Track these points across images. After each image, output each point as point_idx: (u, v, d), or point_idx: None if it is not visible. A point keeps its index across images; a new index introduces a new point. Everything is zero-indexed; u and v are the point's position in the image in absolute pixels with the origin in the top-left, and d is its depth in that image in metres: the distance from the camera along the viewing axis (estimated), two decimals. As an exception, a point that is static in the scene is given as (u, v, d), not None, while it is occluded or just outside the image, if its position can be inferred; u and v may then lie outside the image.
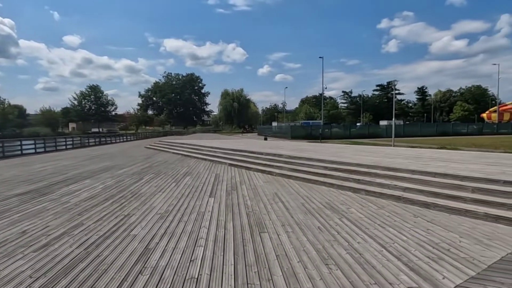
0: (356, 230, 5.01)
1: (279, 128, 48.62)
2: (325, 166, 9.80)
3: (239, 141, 26.42)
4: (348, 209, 6.28)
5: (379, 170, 8.37)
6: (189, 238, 4.71)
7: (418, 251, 4.14)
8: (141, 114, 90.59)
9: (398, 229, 5.04)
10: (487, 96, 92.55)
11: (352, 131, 40.25)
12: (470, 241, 4.49)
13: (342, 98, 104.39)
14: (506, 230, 4.92)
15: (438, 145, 20.59)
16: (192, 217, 5.81)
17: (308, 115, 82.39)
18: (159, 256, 4.04)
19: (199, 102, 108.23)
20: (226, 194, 7.85)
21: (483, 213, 5.50)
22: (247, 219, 5.70)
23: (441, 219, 5.56)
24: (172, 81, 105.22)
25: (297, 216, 5.82)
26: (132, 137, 44.33)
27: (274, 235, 4.83)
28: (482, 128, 46.67)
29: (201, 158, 15.92)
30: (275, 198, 7.34)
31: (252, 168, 11.83)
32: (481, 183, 6.43)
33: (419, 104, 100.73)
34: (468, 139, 31.12)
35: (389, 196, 7.03)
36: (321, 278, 3.43)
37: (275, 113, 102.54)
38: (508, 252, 4.07)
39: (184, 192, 8.10)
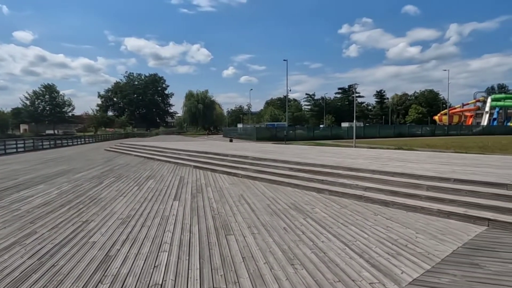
0: (321, 230, 5.12)
1: (244, 129, 48.67)
2: (290, 167, 9.94)
3: (204, 143, 26.13)
4: (312, 209, 6.40)
5: (342, 171, 8.64)
6: (152, 243, 4.56)
7: (378, 248, 4.31)
8: (101, 115, 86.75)
9: (360, 227, 5.21)
10: (438, 99, 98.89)
11: (316, 132, 41.23)
12: (426, 237, 4.75)
13: (306, 101, 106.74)
14: (457, 225, 5.25)
15: (395, 146, 21.64)
16: (156, 222, 5.64)
17: (273, 117, 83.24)
18: (121, 263, 3.87)
19: (163, 103, 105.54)
20: (191, 197, 7.71)
21: (436, 209, 5.84)
22: (212, 221, 5.63)
23: (399, 216, 5.84)
24: (134, 81, 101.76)
25: (263, 218, 5.85)
26: (91, 139, 42.30)
27: (240, 237, 4.81)
28: (434, 130, 49.75)
29: (165, 160, 15.53)
30: (241, 200, 7.32)
31: (217, 170, 11.73)
32: (434, 181, 6.83)
33: (378, 107, 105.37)
34: (422, 140, 33.03)
35: (351, 195, 7.27)
36: (287, 278, 3.46)
37: (241, 114, 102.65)
38: (459, 246, 4.35)
39: (147, 195, 7.85)
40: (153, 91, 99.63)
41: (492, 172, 7.39)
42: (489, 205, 5.52)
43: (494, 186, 6.05)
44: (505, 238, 4.66)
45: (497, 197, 5.70)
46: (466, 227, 5.17)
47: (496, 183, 6.09)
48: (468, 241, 4.51)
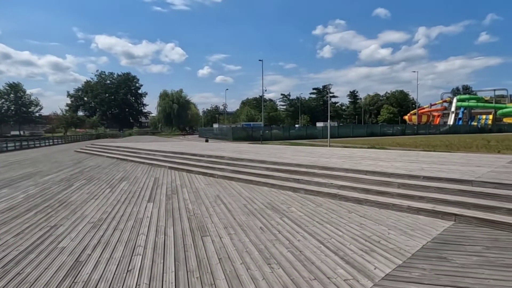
0: (297, 228, 5.17)
1: (220, 130, 48.41)
2: (266, 167, 9.98)
3: (180, 143, 25.75)
4: (288, 208, 6.46)
5: (317, 170, 8.77)
6: (125, 247, 4.43)
7: (352, 245, 4.40)
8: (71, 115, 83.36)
9: (334, 225, 5.31)
10: (408, 100, 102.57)
11: (291, 132, 41.64)
12: (397, 233, 4.91)
13: (282, 101, 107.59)
14: (426, 221, 5.46)
15: (368, 145, 22.25)
16: (129, 224, 5.49)
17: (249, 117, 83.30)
18: (92, 268, 3.73)
19: (136, 103, 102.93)
20: (166, 198, 7.58)
21: (406, 206, 6.04)
22: (188, 223, 5.55)
23: (372, 213, 6.00)
24: (106, 80, 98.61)
25: (239, 218, 5.83)
26: (60, 141, 40.62)
27: (217, 238, 4.77)
28: (404, 129, 51.56)
29: (139, 161, 15.17)
30: (217, 200, 7.27)
31: (193, 171, 11.59)
32: (404, 179, 7.08)
33: (351, 107, 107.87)
34: (393, 139, 34.16)
35: (326, 194, 7.39)
36: (264, 278, 3.47)
37: (216, 114, 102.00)
38: (428, 241, 4.52)
39: (120, 198, 7.63)
40: (126, 90, 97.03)
41: (457, 169, 7.74)
42: (455, 201, 5.78)
43: (459, 182, 6.35)
44: (469, 232, 4.89)
45: (463, 193, 5.98)
46: (434, 222, 5.38)
47: (461, 179, 6.39)
48: (436, 236, 4.70)
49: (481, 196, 5.75)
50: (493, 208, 5.35)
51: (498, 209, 5.27)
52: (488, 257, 3.93)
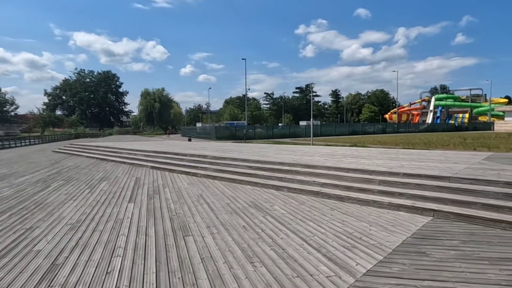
0: (280, 227, 5.18)
1: (203, 129, 48.01)
2: (249, 166, 9.96)
3: (162, 143, 25.40)
4: (271, 207, 6.46)
5: (300, 168, 8.81)
6: (105, 248, 4.32)
7: (335, 242, 4.44)
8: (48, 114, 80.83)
9: (317, 223, 5.35)
10: (388, 99, 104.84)
11: (275, 131, 41.73)
12: (378, 229, 4.98)
13: (265, 100, 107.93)
14: (406, 217, 5.58)
15: (350, 143, 22.55)
16: (109, 226, 5.36)
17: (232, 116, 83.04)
18: (69, 271, 3.62)
19: (117, 102, 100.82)
20: (148, 198, 7.44)
21: (387, 202, 6.15)
22: (170, 223, 5.47)
23: (354, 210, 6.08)
24: (85, 78, 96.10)
25: (222, 217, 5.79)
26: (37, 140, 39.34)
27: (199, 237, 4.72)
28: (385, 127, 52.60)
29: (120, 161, 14.87)
30: (199, 199, 7.20)
31: (176, 170, 11.45)
32: (385, 176, 7.20)
33: (333, 106, 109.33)
34: (374, 137, 34.77)
35: (309, 192, 7.44)
36: (247, 277, 3.45)
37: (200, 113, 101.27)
38: (408, 236, 4.61)
39: (99, 199, 7.45)
40: (106, 89, 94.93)
41: (435, 166, 7.94)
42: (434, 197, 5.93)
43: (437, 179, 6.51)
44: (447, 227, 5.02)
45: (440, 189, 6.14)
46: (413, 218, 5.50)
47: (439, 176, 6.56)
48: (416, 231, 4.80)
49: (458, 191, 5.91)
50: (469, 203, 5.51)
51: (474, 204, 5.43)
52: (465, 251, 4.05)
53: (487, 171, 6.92)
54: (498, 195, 5.50)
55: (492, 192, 5.58)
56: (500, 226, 4.87)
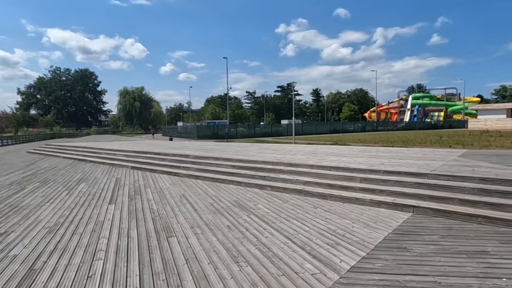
0: (264, 225, 5.18)
1: (184, 128, 47.51)
2: (232, 165, 9.92)
3: (142, 142, 24.96)
4: (255, 206, 6.46)
5: (283, 166, 8.86)
6: (85, 251, 4.20)
7: (319, 239, 4.49)
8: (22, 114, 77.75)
9: (301, 221, 5.39)
10: (368, 98, 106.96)
11: (257, 130, 41.76)
12: (360, 226, 5.07)
13: (246, 98, 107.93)
14: (387, 213, 5.70)
15: (331, 142, 22.86)
16: (89, 228, 5.22)
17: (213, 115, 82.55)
18: (48, 276, 3.50)
19: (95, 101, 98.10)
20: (129, 199, 7.29)
21: (369, 199, 6.27)
22: (153, 224, 5.38)
23: (337, 208, 6.16)
24: (61, 76, 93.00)
25: (206, 217, 5.74)
26: (10, 141, 37.82)
27: (183, 238, 4.66)
28: (365, 126, 53.65)
29: (99, 162, 14.50)
30: (182, 200, 7.12)
31: (157, 170, 11.27)
32: (366, 173, 7.34)
33: (314, 105, 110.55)
34: (354, 135, 35.38)
35: (292, 190, 7.49)
36: (232, 276, 3.43)
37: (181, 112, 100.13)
38: (389, 232, 4.72)
39: (78, 200, 7.24)
40: (83, 87, 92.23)
41: (414, 163, 8.15)
42: (413, 193, 6.09)
43: (416, 176, 6.69)
44: (426, 222, 5.17)
45: (419, 185, 6.31)
46: (394, 214, 5.63)
47: (418, 173, 6.74)
48: (396, 227, 4.91)
49: (436, 188, 6.10)
50: (446, 199, 5.69)
51: (451, 200, 5.62)
52: (444, 246, 4.18)
53: (463, 168, 7.17)
54: (473, 190, 5.71)
55: (468, 188, 5.78)
56: (476, 220, 5.05)
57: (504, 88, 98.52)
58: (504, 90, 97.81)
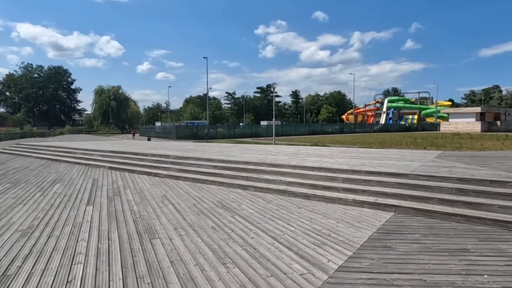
0: (249, 226, 5.13)
1: (163, 128, 46.75)
2: (214, 166, 9.82)
3: (119, 142, 24.30)
4: (239, 206, 6.40)
5: (265, 167, 8.84)
6: (63, 255, 4.00)
7: (305, 240, 4.48)
8: (-12, 111, 74.19)
9: (286, 221, 5.37)
10: (345, 100, 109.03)
11: (236, 131, 41.66)
12: (345, 225, 5.12)
13: (226, 99, 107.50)
14: (369, 213, 5.79)
15: (311, 143, 23.10)
16: (67, 230, 4.99)
17: (193, 115, 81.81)
18: (23, 282, 3.30)
19: (69, 100, 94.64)
20: (108, 200, 7.05)
21: (351, 199, 6.35)
22: (134, 226, 5.21)
23: (320, 208, 6.20)
24: (33, 74, 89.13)
25: (189, 218, 5.63)
26: (-24, 140, 35.89)
27: (167, 240, 4.53)
28: (343, 128, 54.60)
29: (74, 162, 13.98)
30: (164, 201, 6.95)
31: (136, 170, 10.99)
32: (348, 174, 7.43)
33: (293, 106, 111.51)
34: (333, 137, 35.94)
35: (275, 190, 7.48)
36: (220, 278, 3.36)
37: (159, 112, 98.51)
38: (373, 231, 4.78)
39: (53, 202, 6.93)
40: (56, 85, 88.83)
41: (393, 164, 8.34)
42: (394, 193, 6.22)
43: (397, 176, 6.84)
44: (408, 221, 5.28)
45: (400, 185, 6.45)
46: (377, 214, 5.72)
47: (398, 173, 6.90)
48: (380, 227, 4.99)
49: (416, 188, 6.25)
50: (426, 198, 5.84)
51: (431, 199, 5.77)
52: (426, 244, 4.27)
53: (440, 168, 7.40)
54: (451, 190, 5.89)
55: (446, 187, 5.96)
56: (455, 219, 5.21)
57: (473, 93, 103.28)
58: (473, 95, 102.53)
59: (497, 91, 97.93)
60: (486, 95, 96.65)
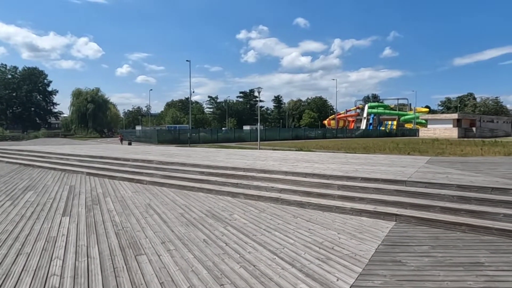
0: (244, 239, 4.72)
1: (144, 132, 45.59)
2: (201, 171, 9.34)
3: (98, 146, 23.32)
4: (231, 216, 5.98)
5: (255, 173, 8.44)
6: (34, 277, 3.47)
7: (307, 254, 4.11)
8: (-43, 113, 70.37)
9: (283, 232, 4.99)
10: (327, 106, 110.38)
11: (219, 135, 41.13)
12: (346, 237, 4.78)
13: (209, 103, 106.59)
14: (370, 222, 5.49)
15: (296, 148, 22.90)
16: (39, 246, 4.42)
17: (174, 119, 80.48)
18: (-16, 314, 2.77)
19: (44, 102, 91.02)
20: (86, 210, 6.47)
21: (349, 208, 6.04)
22: (117, 239, 4.70)
23: (317, 217, 5.85)
24: (6, 74, 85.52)
25: (177, 229, 5.15)
26: None
27: (154, 256, 4.06)
28: (325, 133, 55.02)
29: (49, 167, 13.13)
30: (148, 210, 6.44)
31: (117, 176, 10.35)
32: (343, 180, 7.14)
33: (275, 111, 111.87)
34: (317, 142, 36.01)
35: (267, 198, 7.09)
36: (219, 303, 2.94)
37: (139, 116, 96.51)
38: (378, 244, 4.47)
39: (24, 212, 6.28)
40: (31, 87, 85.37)
41: (387, 170, 8.12)
42: (394, 201, 5.95)
43: (394, 183, 6.60)
44: (412, 231, 5.01)
45: (399, 193, 6.20)
46: (377, 223, 5.43)
47: (396, 180, 6.66)
48: (384, 238, 4.68)
49: (416, 195, 6.01)
50: (427, 207, 5.60)
51: (433, 208, 5.54)
52: (437, 257, 3.99)
53: (436, 175, 7.22)
54: (453, 198, 5.68)
55: (447, 195, 5.75)
56: (460, 229, 4.98)
57: (449, 100, 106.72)
58: (449, 102, 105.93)
59: (471, 98, 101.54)
60: (461, 103, 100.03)
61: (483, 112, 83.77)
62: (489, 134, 53.25)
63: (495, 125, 60.22)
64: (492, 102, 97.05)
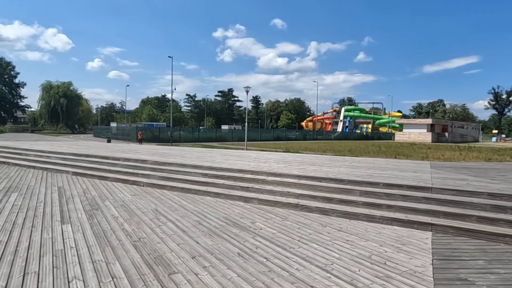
0: (283, 252, 4.25)
1: (121, 129, 43.76)
2: (204, 174, 8.75)
3: (76, 143, 21.94)
4: (253, 224, 5.48)
5: (265, 176, 7.97)
6: (56, 306, 2.83)
7: (362, 271, 3.70)
8: None
9: (321, 244, 4.57)
10: (304, 107, 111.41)
11: (200, 134, 40.23)
12: (390, 249, 4.43)
13: (187, 102, 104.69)
14: (405, 232, 5.18)
15: (282, 149, 22.59)
16: (47, 263, 3.73)
17: (151, 116, 78.20)
18: None
19: (10, 95, 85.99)
20: (88, 216, 5.75)
21: (379, 216, 5.71)
22: (137, 253, 4.08)
23: (347, 226, 5.48)
24: (-33, 64, 80.00)
25: (203, 241, 4.60)
26: None
27: (191, 275, 3.50)
28: (305, 134, 55.25)
29: (27, 165, 12.02)
30: (159, 216, 5.82)
31: (108, 177, 9.54)
32: (363, 186, 6.82)
33: (253, 112, 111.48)
34: (299, 143, 35.90)
35: (285, 204, 6.65)
36: None
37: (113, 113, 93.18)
38: (431, 258, 4.13)
39: (15, 219, 5.48)
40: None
41: (402, 175, 7.89)
42: (425, 209, 5.68)
43: (420, 189, 6.34)
44: (455, 243, 4.73)
45: (428, 200, 5.95)
46: (413, 233, 5.12)
47: (420, 186, 6.40)
48: (433, 251, 4.36)
49: (446, 203, 5.77)
50: (462, 216, 5.37)
51: (468, 217, 5.30)
52: (501, 274, 3.70)
53: (457, 181, 7.06)
54: (486, 207, 5.48)
55: (480, 204, 5.55)
56: (503, 240, 4.76)
57: (420, 106, 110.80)
58: (420, 108, 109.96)
59: (441, 104, 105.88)
60: (432, 108, 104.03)
61: (452, 118, 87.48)
62: (460, 139, 55.51)
63: (464, 130, 62.89)
64: (460, 109, 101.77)
